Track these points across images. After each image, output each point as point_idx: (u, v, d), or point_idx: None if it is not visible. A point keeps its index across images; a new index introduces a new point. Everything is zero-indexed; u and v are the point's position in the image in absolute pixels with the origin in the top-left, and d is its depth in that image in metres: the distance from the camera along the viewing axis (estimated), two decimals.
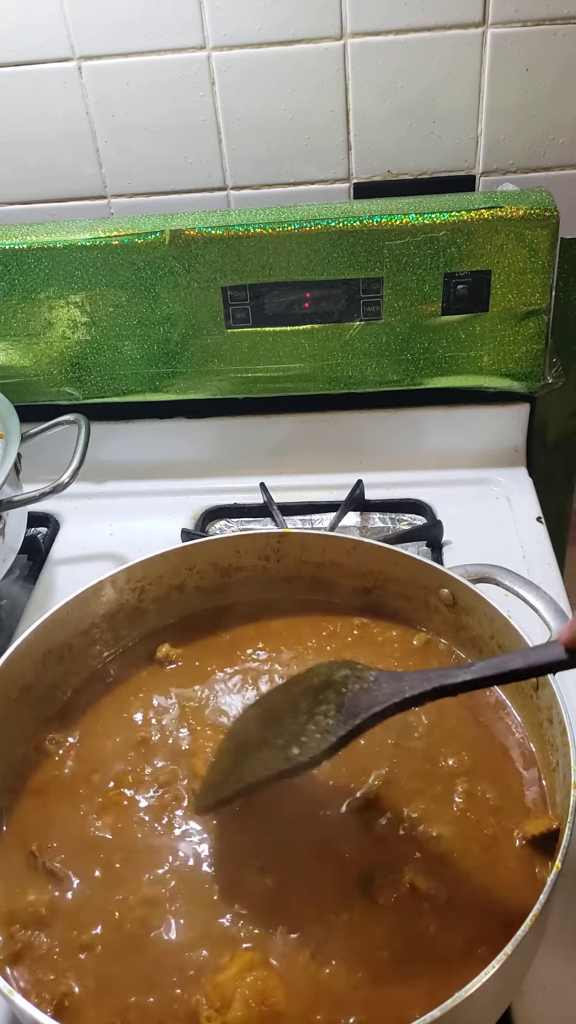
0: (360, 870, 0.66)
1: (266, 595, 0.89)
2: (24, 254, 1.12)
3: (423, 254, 1.09)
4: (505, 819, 0.69)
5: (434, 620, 0.83)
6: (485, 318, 1.12)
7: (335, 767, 0.72)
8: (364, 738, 0.73)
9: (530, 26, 1.06)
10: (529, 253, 1.08)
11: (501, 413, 1.22)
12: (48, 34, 1.08)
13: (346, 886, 0.65)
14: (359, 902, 0.65)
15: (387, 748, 0.73)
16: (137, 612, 0.86)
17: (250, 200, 1.19)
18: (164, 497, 1.24)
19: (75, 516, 1.23)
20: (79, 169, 1.18)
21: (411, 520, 1.18)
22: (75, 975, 0.62)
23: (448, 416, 1.23)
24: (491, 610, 0.76)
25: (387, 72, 1.09)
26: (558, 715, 0.66)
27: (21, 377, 1.20)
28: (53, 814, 0.72)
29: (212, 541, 0.87)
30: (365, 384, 1.18)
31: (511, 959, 0.53)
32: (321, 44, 1.08)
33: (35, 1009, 0.54)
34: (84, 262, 1.11)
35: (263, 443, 1.26)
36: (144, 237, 1.10)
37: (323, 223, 1.08)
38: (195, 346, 1.16)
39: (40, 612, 0.83)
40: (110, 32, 1.08)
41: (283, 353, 1.16)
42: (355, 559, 0.86)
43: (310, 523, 1.19)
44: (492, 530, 1.13)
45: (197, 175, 1.18)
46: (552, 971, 0.69)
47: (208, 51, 1.09)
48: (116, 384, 1.20)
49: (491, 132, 1.13)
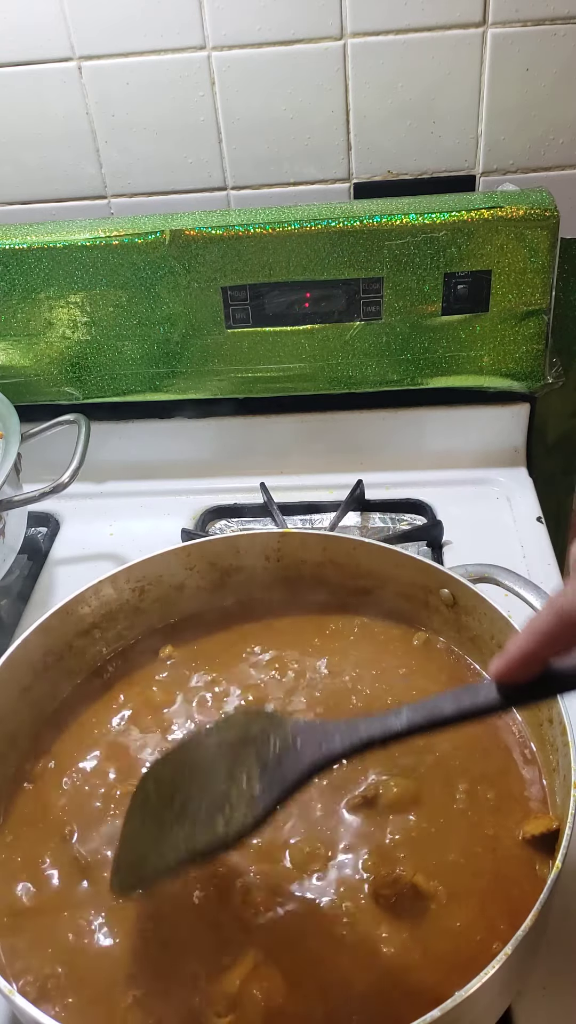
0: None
1: (266, 595, 0.89)
2: (24, 254, 1.12)
3: (423, 254, 1.09)
4: (505, 819, 0.69)
5: (434, 620, 0.83)
6: (485, 318, 1.12)
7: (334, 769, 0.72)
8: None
9: (530, 26, 1.06)
10: (529, 253, 1.08)
11: (501, 413, 1.22)
12: (48, 34, 1.08)
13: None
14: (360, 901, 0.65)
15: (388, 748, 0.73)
16: (137, 612, 0.86)
17: (250, 200, 1.19)
18: (164, 497, 1.24)
19: (75, 516, 1.23)
20: (79, 169, 1.18)
21: (411, 520, 1.18)
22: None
23: (448, 416, 1.23)
24: (491, 610, 0.76)
25: (387, 72, 1.09)
26: (558, 715, 0.66)
27: (21, 377, 1.20)
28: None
29: (212, 541, 0.88)
30: (365, 384, 1.18)
31: (511, 959, 0.53)
32: (321, 44, 1.08)
33: (35, 1009, 0.54)
34: (84, 262, 1.11)
35: (263, 443, 1.26)
36: (144, 237, 1.10)
37: (323, 223, 1.08)
38: (195, 346, 1.16)
39: (40, 612, 0.83)
40: (110, 32, 1.08)
41: (283, 353, 1.16)
42: (355, 559, 0.86)
43: (310, 523, 1.19)
44: (492, 530, 1.13)
45: (197, 175, 1.18)
46: (552, 971, 0.69)
47: (208, 51, 1.09)
48: (116, 384, 1.20)
49: (491, 132, 1.13)
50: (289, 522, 1.17)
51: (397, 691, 0.79)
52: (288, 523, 1.16)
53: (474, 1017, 0.57)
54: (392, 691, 0.79)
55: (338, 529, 1.12)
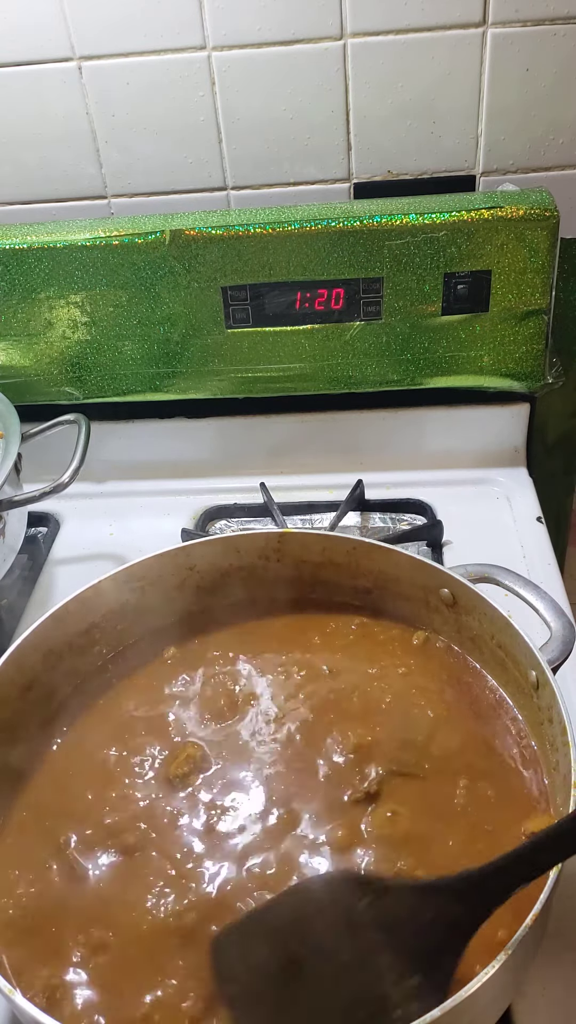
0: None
1: (266, 595, 0.89)
2: (24, 254, 1.12)
3: (423, 254, 1.09)
4: (506, 818, 0.69)
5: (434, 620, 0.83)
6: (485, 318, 1.12)
7: (335, 766, 0.72)
8: (368, 734, 0.74)
9: (530, 26, 1.06)
10: (529, 253, 1.08)
11: (501, 413, 1.22)
12: (48, 34, 1.08)
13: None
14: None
15: (389, 745, 0.73)
16: (137, 612, 0.86)
17: (250, 200, 1.19)
18: (164, 497, 1.24)
19: (75, 516, 1.23)
20: (79, 169, 1.18)
21: (411, 520, 1.18)
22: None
23: (448, 416, 1.23)
24: (491, 610, 0.76)
25: (387, 72, 1.09)
26: (558, 715, 0.66)
27: (21, 377, 1.20)
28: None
29: (212, 541, 0.87)
30: (365, 384, 1.18)
31: (511, 959, 0.53)
32: (321, 44, 1.08)
33: (35, 1009, 0.54)
34: (84, 262, 1.11)
35: (263, 443, 1.26)
36: (144, 237, 1.10)
37: (323, 223, 1.08)
38: (195, 346, 1.16)
39: (40, 612, 0.83)
40: (110, 32, 1.08)
41: (283, 353, 1.16)
42: (355, 559, 0.86)
43: (310, 523, 1.19)
44: (492, 530, 1.14)
45: (197, 175, 1.18)
46: (552, 971, 0.69)
47: (208, 51, 1.09)
48: (116, 384, 1.20)
49: (491, 132, 1.13)
50: (289, 522, 1.17)
51: (397, 690, 0.79)
52: (288, 523, 1.16)
53: (474, 1017, 0.57)
54: (392, 690, 0.79)
55: (338, 529, 1.12)
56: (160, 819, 0.71)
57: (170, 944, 0.62)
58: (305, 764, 0.73)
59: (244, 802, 0.71)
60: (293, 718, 0.77)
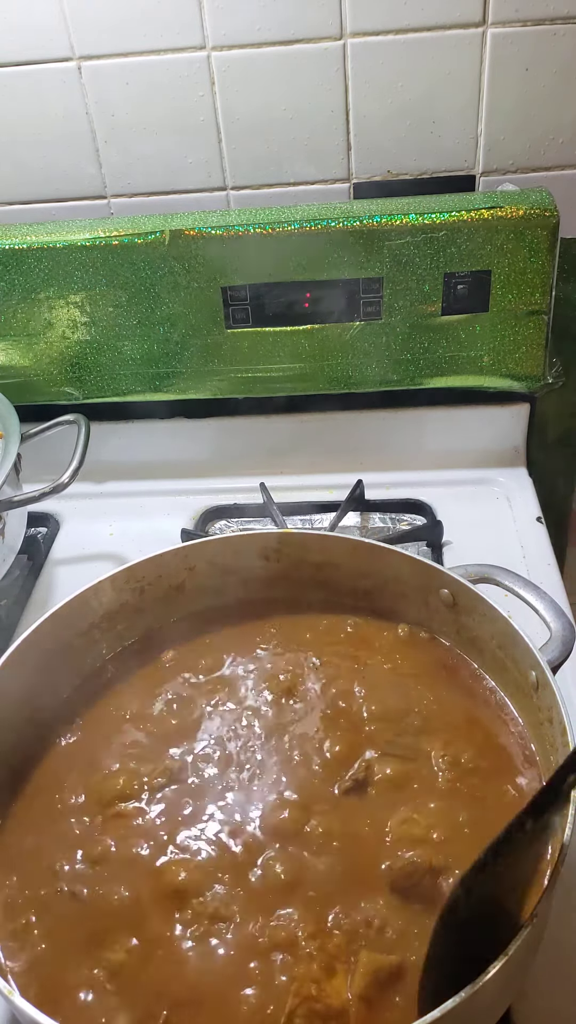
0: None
1: (266, 595, 0.89)
2: (24, 254, 1.12)
3: (423, 254, 1.09)
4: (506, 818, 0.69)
5: (434, 620, 0.83)
6: (485, 318, 1.12)
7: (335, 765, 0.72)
8: (361, 730, 0.75)
9: (530, 26, 1.06)
10: (529, 253, 1.08)
11: (501, 413, 1.22)
12: (48, 34, 1.08)
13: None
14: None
15: (387, 745, 0.73)
16: (137, 612, 0.86)
17: (250, 200, 1.19)
18: (164, 497, 1.24)
19: (75, 516, 1.23)
20: (79, 169, 1.18)
21: (411, 520, 1.18)
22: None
23: (448, 416, 1.23)
24: (491, 610, 0.76)
25: (387, 72, 1.09)
26: (558, 715, 0.66)
27: (21, 377, 1.20)
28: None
29: (212, 541, 0.87)
30: (365, 384, 1.18)
31: (511, 959, 0.53)
32: (321, 44, 1.08)
33: (35, 1009, 0.54)
34: (84, 262, 1.11)
35: (263, 443, 1.26)
36: (144, 237, 1.10)
37: (323, 223, 1.08)
38: (195, 346, 1.16)
39: (40, 612, 0.83)
40: (110, 32, 1.08)
41: (283, 353, 1.16)
42: (355, 559, 0.86)
43: (310, 523, 1.19)
44: (492, 530, 1.14)
45: (197, 175, 1.18)
46: (552, 971, 0.69)
47: (208, 51, 1.09)
48: (116, 384, 1.20)
49: (491, 132, 1.13)
50: (289, 522, 1.17)
51: (396, 690, 0.79)
52: (288, 523, 1.16)
53: (474, 1017, 0.57)
54: (391, 690, 0.79)
55: (338, 529, 1.12)
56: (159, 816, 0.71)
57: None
58: (303, 757, 0.73)
59: (240, 800, 0.71)
60: (293, 718, 0.77)
